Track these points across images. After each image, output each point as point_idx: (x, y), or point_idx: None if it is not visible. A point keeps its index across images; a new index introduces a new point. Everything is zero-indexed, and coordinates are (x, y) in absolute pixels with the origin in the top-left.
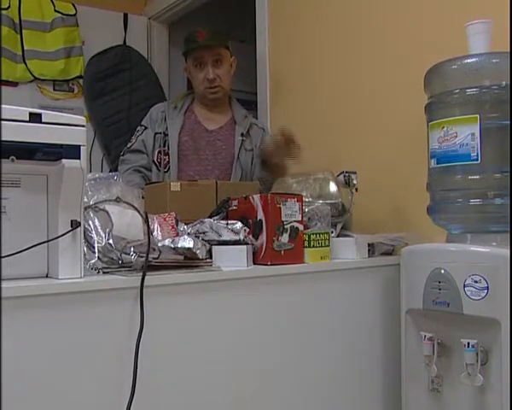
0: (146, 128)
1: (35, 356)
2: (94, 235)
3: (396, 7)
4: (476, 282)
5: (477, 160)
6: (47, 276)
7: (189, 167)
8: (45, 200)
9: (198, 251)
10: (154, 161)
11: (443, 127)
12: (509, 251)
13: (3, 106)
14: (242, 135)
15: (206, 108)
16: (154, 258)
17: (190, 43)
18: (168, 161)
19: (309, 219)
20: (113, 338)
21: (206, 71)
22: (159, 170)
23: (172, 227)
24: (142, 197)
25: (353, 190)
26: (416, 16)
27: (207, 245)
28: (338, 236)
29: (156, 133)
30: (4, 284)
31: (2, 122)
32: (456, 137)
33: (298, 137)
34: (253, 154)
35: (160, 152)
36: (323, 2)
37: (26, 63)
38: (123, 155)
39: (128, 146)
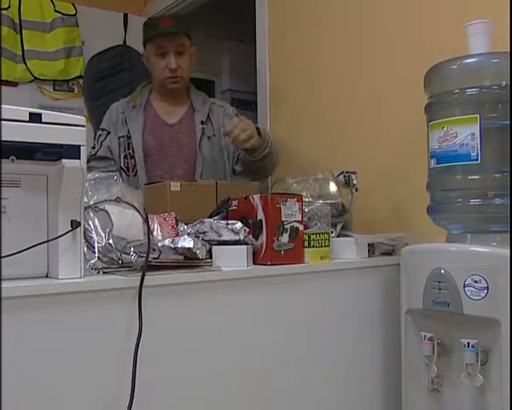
0: (109, 133)
1: (35, 356)
2: (94, 235)
3: (396, 7)
4: (476, 282)
5: (477, 160)
6: (47, 276)
7: (156, 167)
8: (45, 200)
9: (198, 251)
10: (121, 167)
11: (443, 127)
12: (508, 251)
13: (3, 106)
14: (202, 123)
15: (164, 99)
16: (154, 258)
17: (152, 28)
18: (135, 165)
19: (309, 219)
20: (113, 338)
21: (168, 60)
22: (127, 175)
23: (172, 227)
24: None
25: (353, 190)
26: (416, 16)
27: (207, 245)
28: (338, 236)
29: (119, 137)
30: (4, 284)
31: (2, 122)
32: (456, 137)
33: (298, 137)
34: (216, 138)
35: (125, 156)
36: (323, 2)
37: (26, 63)
38: (88, 161)
39: (92, 153)
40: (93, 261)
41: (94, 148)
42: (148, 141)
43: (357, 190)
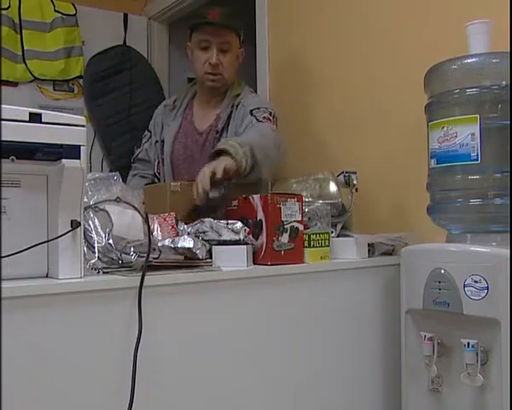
0: (151, 135)
1: (35, 356)
2: (94, 235)
3: (396, 7)
4: (476, 282)
5: (477, 160)
6: (47, 276)
7: (179, 177)
8: (45, 200)
9: (198, 251)
10: (155, 173)
11: (443, 127)
12: (508, 251)
13: (3, 106)
14: (217, 132)
15: (203, 99)
16: (154, 258)
17: (199, 18)
18: (164, 172)
19: (309, 219)
20: (113, 338)
21: (210, 54)
22: (159, 181)
23: (172, 227)
24: (143, 203)
25: (353, 190)
26: (416, 16)
27: (207, 245)
28: (338, 236)
29: (156, 142)
30: (4, 284)
31: (2, 122)
32: (456, 137)
33: (298, 137)
34: None
35: (158, 162)
36: (324, 2)
37: (26, 63)
38: (133, 162)
39: (136, 153)
40: (93, 261)
41: (139, 148)
42: (177, 150)
43: (357, 190)
